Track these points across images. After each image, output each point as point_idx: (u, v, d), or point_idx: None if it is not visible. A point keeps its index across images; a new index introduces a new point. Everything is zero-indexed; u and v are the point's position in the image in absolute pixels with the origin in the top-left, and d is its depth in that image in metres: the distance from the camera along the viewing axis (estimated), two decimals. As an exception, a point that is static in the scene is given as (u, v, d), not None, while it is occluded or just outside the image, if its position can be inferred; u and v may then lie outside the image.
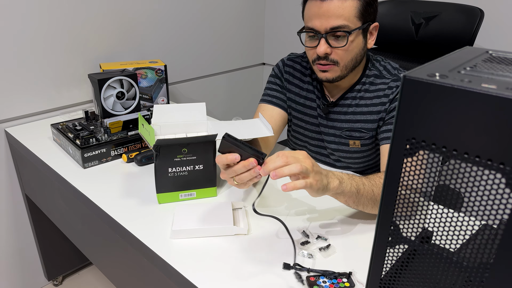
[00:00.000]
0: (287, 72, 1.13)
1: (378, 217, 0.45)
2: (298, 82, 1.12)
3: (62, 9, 1.33)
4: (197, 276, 0.70)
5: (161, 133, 0.95)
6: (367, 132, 1.05)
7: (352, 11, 0.92)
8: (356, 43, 0.95)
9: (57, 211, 1.21)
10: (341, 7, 0.91)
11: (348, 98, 1.06)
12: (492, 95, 0.32)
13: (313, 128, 1.13)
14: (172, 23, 1.68)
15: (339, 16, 0.91)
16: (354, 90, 1.05)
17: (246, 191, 0.97)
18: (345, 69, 0.98)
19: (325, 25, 0.92)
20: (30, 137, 1.24)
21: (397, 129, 0.40)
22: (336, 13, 0.91)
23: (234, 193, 0.97)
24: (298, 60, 1.14)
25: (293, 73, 1.13)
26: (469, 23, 1.22)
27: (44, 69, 1.34)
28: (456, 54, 0.46)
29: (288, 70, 1.13)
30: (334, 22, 0.91)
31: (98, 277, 1.66)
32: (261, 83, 2.28)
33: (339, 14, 0.91)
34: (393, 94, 1.01)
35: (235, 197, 0.95)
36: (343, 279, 0.69)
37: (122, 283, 1.02)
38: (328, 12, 0.91)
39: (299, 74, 1.12)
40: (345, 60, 0.96)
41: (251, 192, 0.97)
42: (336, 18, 0.91)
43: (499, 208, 0.35)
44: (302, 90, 1.12)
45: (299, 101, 1.12)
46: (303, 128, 1.14)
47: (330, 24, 0.92)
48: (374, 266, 0.47)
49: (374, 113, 1.03)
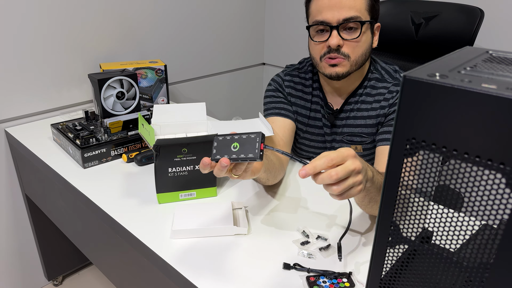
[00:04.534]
0: (288, 86, 1.10)
1: (378, 217, 0.45)
2: (302, 94, 1.09)
3: (62, 9, 1.33)
4: (197, 276, 0.70)
5: (161, 133, 0.95)
6: (367, 136, 1.04)
7: (363, 4, 0.92)
8: (366, 38, 0.94)
9: (57, 211, 1.21)
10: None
11: (350, 103, 1.04)
12: (492, 95, 0.32)
13: (318, 139, 1.11)
14: (172, 23, 1.68)
15: (352, 7, 0.90)
16: (356, 95, 1.04)
17: (246, 191, 0.97)
18: (355, 64, 0.96)
19: (338, 17, 0.91)
20: (30, 137, 1.24)
21: (397, 129, 0.40)
22: (348, 4, 0.90)
23: (234, 193, 0.97)
24: (295, 73, 1.11)
25: (294, 87, 1.10)
26: (469, 23, 1.22)
27: (44, 69, 1.34)
28: (456, 54, 0.46)
29: (289, 85, 1.10)
30: (347, 13, 0.90)
31: (98, 277, 1.66)
32: (261, 83, 2.28)
33: (351, 5, 0.90)
34: (393, 98, 1.00)
35: (235, 197, 0.95)
36: (343, 279, 0.69)
37: (122, 283, 1.02)
38: (340, 3, 0.90)
39: (300, 86, 1.10)
40: (356, 54, 0.94)
41: (251, 192, 0.97)
42: (348, 9, 0.90)
43: (499, 208, 0.35)
44: (306, 102, 1.09)
45: (305, 114, 1.10)
46: (309, 140, 1.12)
47: (343, 15, 0.90)
48: (374, 266, 0.47)
49: (373, 117, 1.02)
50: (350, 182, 0.63)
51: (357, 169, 0.63)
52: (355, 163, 0.63)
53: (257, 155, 0.65)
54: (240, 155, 0.66)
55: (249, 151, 0.66)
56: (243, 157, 0.66)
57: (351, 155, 0.64)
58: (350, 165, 0.63)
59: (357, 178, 0.64)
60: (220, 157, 0.67)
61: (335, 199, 0.65)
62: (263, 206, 0.91)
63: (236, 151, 0.67)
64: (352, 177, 0.63)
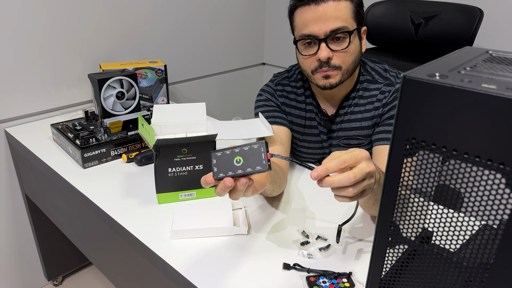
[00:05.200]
0: (281, 96, 1.07)
1: (378, 217, 0.45)
2: (295, 103, 1.07)
3: (62, 9, 1.33)
4: (197, 276, 0.70)
5: (161, 133, 0.95)
6: (363, 139, 1.03)
7: (348, 12, 0.90)
8: (355, 45, 0.93)
9: (57, 211, 1.21)
10: (337, 9, 0.88)
11: (344, 107, 1.03)
12: (492, 95, 0.32)
13: (316, 145, 1.10)
14: (172, 23, 1.68)
15: (337, 17, 0.88)
16: (350, 98, 1.02)
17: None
18: (347, 73, 0.95)
19: (324, 29, 0.89)
20: (30, 137, 1.24)
21: (397, 129, 0.40)
22: (333, 15, 0.88)
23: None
24: (285, 82, 1.08)
25: (287, 96, 1.07)
26: (469, 23, 1.22)
27: (44, 69, 1.34)
28: (456, 54, 0.46)
29: (282, 94, 1.07)
30: (333, 24, 0.88)
31: (98, 277, 1.66)
32: (261, 83, 2.28)
33: (336, 15, 0.88)
34: (386, 98, 0.99)
35: (235, 197, 0.95)
36: (343, 279, 0.69)
37: (122, 283, 1.02)
38: (325, 15, 0.88)
39: (293, 95, 1.07)
40: (347, 64, 0.93)
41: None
42: (334, 20, 0.88)
43: (499, 208, 0.35)
44: (301, 111, 1.07)
45: (300, 123, 1.08)
46: (307, 148, 1.11)
47: (330, 27, 0.88)
48: (374, 266, 0.47)
49: (368, 119, 1.01)
50: (365, 184, 0.61)
51: (372, 171, 0.61)
52: (370, 166, 0.61)
53: (265, 166, 0.61)
54: (247, 169, 0.61)
55: (256, 163, 0.61)
56: (250, 171, 0.61)
57: (365, 157, 0.62)
58: (366, 167, 0.60)
59: (371, 181, 0.62)
60: (223, 175, 0.61)
61: (340, 200, 0.63)
62: (263, 206, 0.91)
63: (241, 166, 0.61)
64: (367, 179, 0.62)
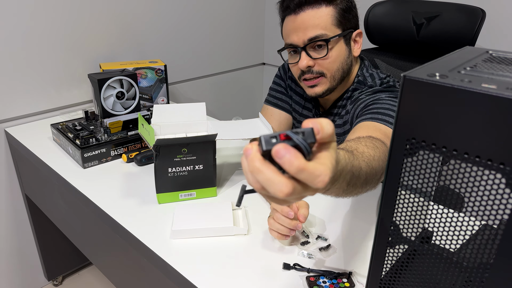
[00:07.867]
0: (290, 78, 1.10)
1: (378, 217, 0.45)
2: (300, 90, 1.08)
3: (62, 9, 1.33)
4: (197, 276, 0.70)
5: (161, 133, 0.95)
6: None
7: (329, 19, 0.90)
8: (338, 52, 0.93)
9: (57, 211, 1.21)
10: (316, 17, 0.89)
11: (336, 106, 1.03)
12: (492, 95, 0.32)
13: None
14: (172, 23, 1.68)
15: (315, 26, 0.89)
16: (344, 98, 1.02)
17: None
18: (334, 80, 0.94)
19: (302, 38, 0.90)
20: (30, 137, 1.24)
21: (397, 129, 0.40)
22: (311, 23, 0.89)
23: (234, 193, 0.97)
24: None
25: (295, 81, 1.09)
26: (471, 23, 1.22)
27: (44, 69, 1.34)
28: (456, 54, 0.46)
29: (291, 76, 1.10)
30: (311, 32, 0.89)
31: (98, 277, 1.66)
32: (261, 83, 2.28)
33: (315, 24, 0.89)
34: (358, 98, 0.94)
35: (235, 197, 0.95)
36: (343, 279, 0.69)
37: (122, 283, 1.02)
38: (303, 24, 0.89)
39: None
40: (331, 71, 0.93)
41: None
42: (312, 28, 0.89)
43: (499, 208, 0.35)
44: (302, 98, 1.09)
45: (302, 112, 1.09)
46: None
47: (307, 35, 0.90)
48: (374, 266, 0.47)
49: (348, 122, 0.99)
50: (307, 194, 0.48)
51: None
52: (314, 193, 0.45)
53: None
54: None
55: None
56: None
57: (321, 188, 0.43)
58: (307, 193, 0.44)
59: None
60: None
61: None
62: (263, 206, 0.91)
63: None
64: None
